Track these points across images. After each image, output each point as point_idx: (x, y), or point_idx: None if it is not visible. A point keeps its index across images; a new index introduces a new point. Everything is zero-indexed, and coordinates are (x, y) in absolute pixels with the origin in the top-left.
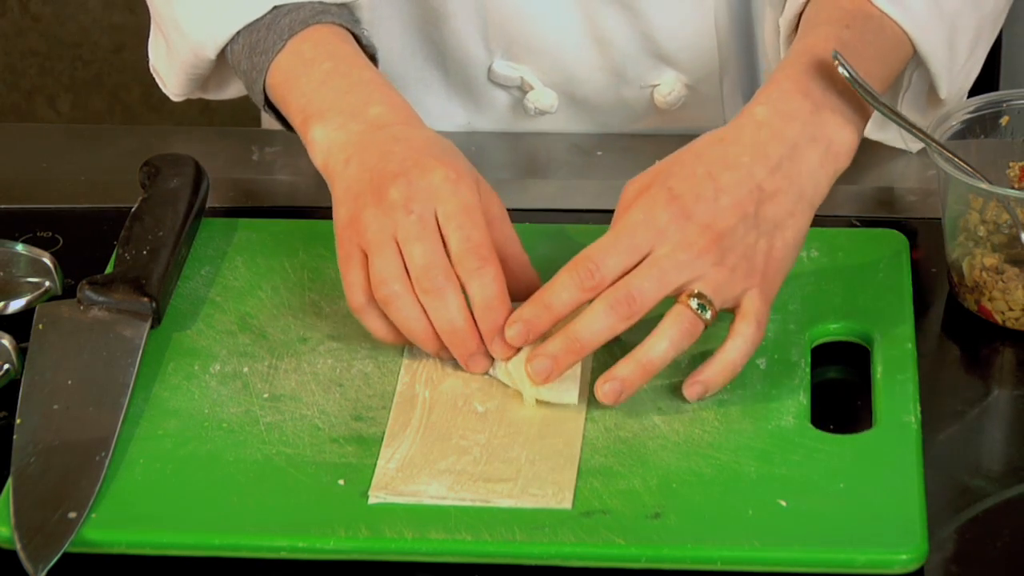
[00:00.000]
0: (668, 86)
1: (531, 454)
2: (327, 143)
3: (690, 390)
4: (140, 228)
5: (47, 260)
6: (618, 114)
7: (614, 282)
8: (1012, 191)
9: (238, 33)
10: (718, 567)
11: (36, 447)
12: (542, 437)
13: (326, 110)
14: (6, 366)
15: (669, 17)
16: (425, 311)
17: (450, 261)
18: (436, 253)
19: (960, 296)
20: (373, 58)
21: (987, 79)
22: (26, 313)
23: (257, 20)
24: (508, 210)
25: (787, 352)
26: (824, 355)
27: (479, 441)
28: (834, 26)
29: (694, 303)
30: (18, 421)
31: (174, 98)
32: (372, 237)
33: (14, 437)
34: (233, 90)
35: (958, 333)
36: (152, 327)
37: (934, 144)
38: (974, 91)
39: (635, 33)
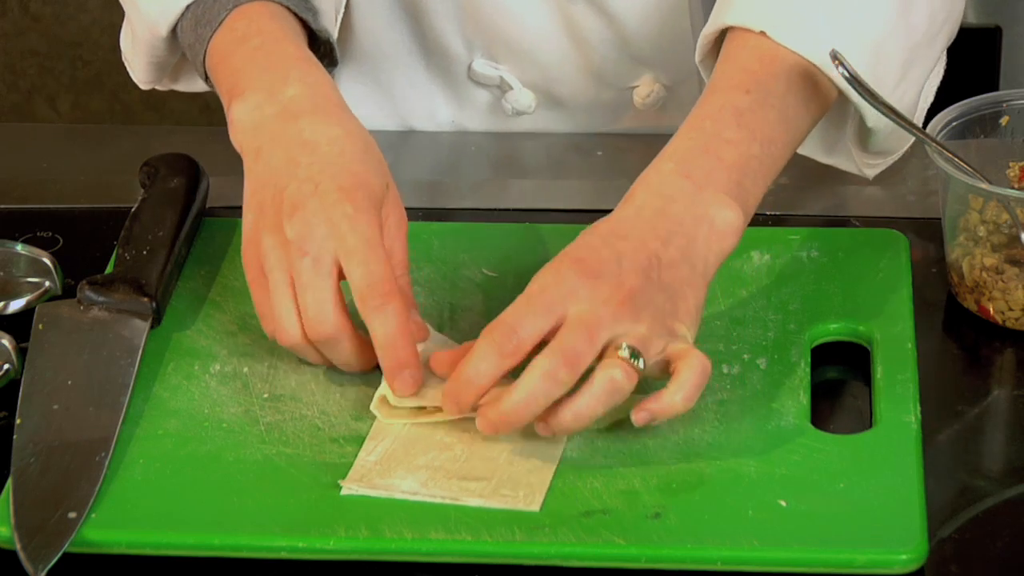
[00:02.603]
0: (646, 88)
1: (511, 454)
2: (242, 124)
3: (637, 415)
4: (140, 228)
5: (47, 260)
6: (597, 115)
7: (534, 346)
8: (1012, 191)
9: (188, 8)
10: (718, 567)
11: (36, 447)
12: (527, 438)
13: (246, 88)
14: (6, 366)
15: (645, 21)
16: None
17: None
18: (326, 303)
19: (960, 296)
20: (328, 44)
21: (987, 79)
22: (26, 313)
23: None
24: (487, 210)
25: (787, 352)
26: (824, 355)
27: (463, 438)
28: (733, 92)
29: (625, 352)
30: (18, 421)
31: (142, 85)
32: (271, 272)
33: (14, 437)
34: (202, 82)
35: (958, 333)
36: (152, 327)
37: (934, 144)
38: (974, 91)
39: (612, 36)
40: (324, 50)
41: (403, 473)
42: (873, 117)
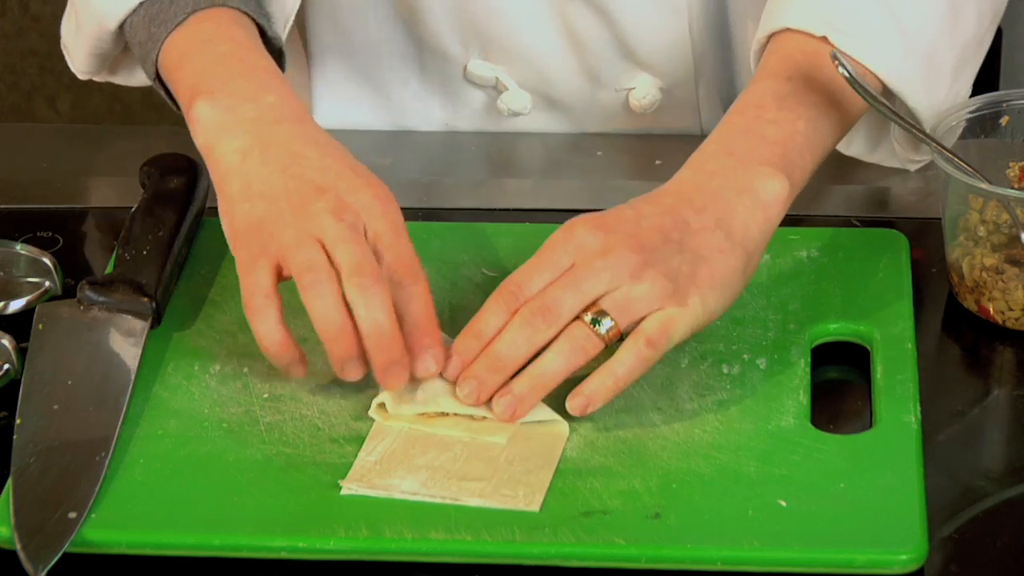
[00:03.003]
0: (643, 90)
1: (511, 455)
2: (213, 123)
3: (571, 402)
4: (140, 228)
5: (47, 260)
6: (593, 116)
7: None
8: (1012, 191)
9: (141, 5)
10: (718, 567)
11: (36, 447)
12: (527, 438)
13: (216, 89)
14: (6, 366)
15: (643, 22)
16: (343, 309)
17: None
18: (368, 255)
19: (960, 296)
20: (280, 54)
21: (987, 79)
22: (26, 313)
23: None
24: (483, 210)
25: (787, 352)
26: (824, 355)
27: (462, 438)
28: (774, 80)
29: (588, 317)
30: (18, 421)
31: (80, 75)
32: (290, 239)
33: (14, 437)
34: (141, 76)
35: (958, 333)
36: (152, 327)
37: (934, 144)
38: (974, 91)
39: (609, 37)
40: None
41: (403, 473)
42: (931, 120)
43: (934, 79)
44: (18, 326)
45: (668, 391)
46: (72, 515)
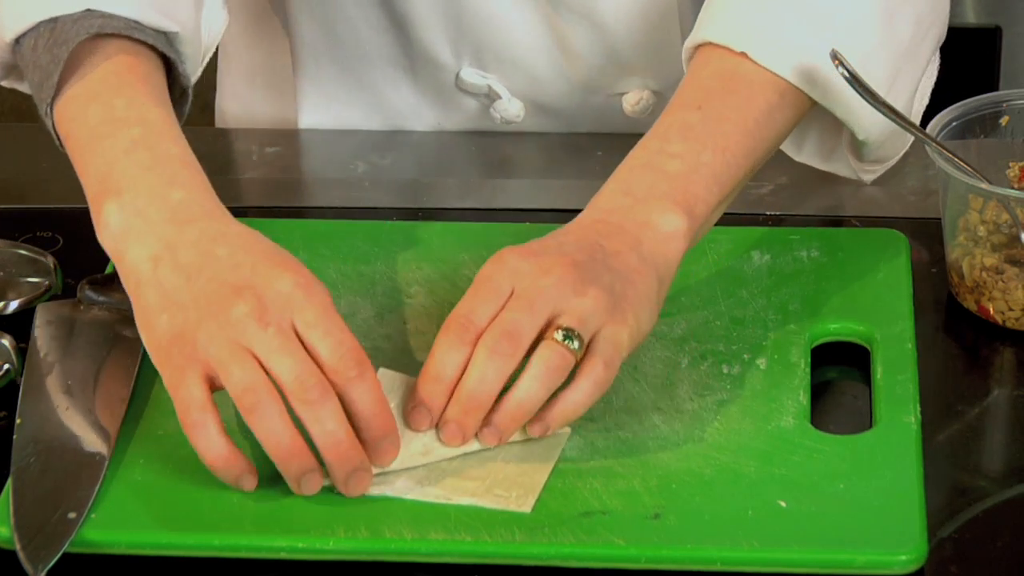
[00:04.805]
0: (636, 95)
1: (508, 455)
2: (121, 228)
3: (532, 427)
4: None
5: (47, 260)
6: (586, 122)
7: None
8: (1012, 191)
9: (42, 24)
10: (718, 567)
11: (36, 447)
12: (524, 440)
13: (124, 187)
14: (6, 366)
15: (634, 29)
16: (290, 426)
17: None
18: (307, 363)
19: (960, 296)
20: (186, 92)
21: (987, 79)
22: (26, 313)
23: (65, 16)
24: (476, 210)
25: (787, 352)
26: (824, 355)
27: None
28: (684, 110)
29: (559, 335)
30: (18, 421)
31: None
32: (219, 350)
33: (14, 437)
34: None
35: (958, 333)
36: None
37: (934, 144)
38: (974, 91)
39: (601, 45)
40: (177, 95)
41: (398, 471)
42: (863, 130)
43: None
44: (18, 326)
45: (668, 391)
46: (72, 515)
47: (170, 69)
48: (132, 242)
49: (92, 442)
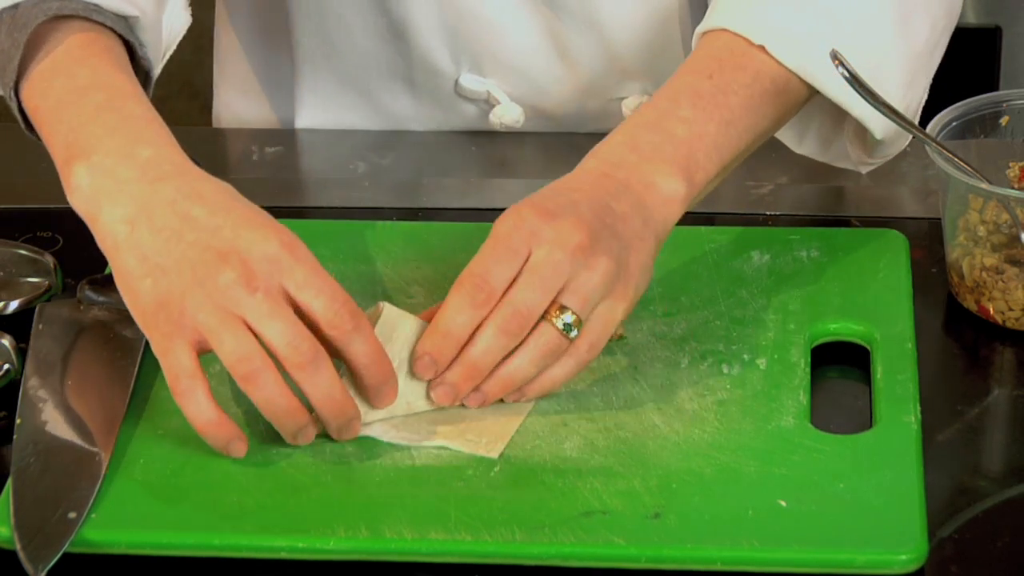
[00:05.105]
0: (635, 99)
1: (486, 409)
2: (92, 190)
3: (509, 396)
4: None
5: (47, 260)
6: (585, 126)
7: (504, 291)
8: (1012, 191)
9: (4, 11)
10: (718, 567)
11: (36, 447)
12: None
13: (92, 149)
14: (6, 366)
15: (635, 34)
16: (286, 390)
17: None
18: (297, 326)
19: (960, 296)
20: (148, 75)
21: (987, 79)
22: (26, 313)
23: (24, 2)
24: (476, 210)
25: (787, 352)
26: (824, 355)
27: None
28: (695, 76)
29: (560, 323)
30: (18, 421)
31: None
32: (208, 318)
33: (14, 437)
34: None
35: (958, 333)
36: None
37: (934, 144)
38: (974, 91)
39: (601, 50)
40: (141, 79)
41: (383, 413)
42: (881, 130)
43: (882, 90)
44: (18, 326)
45: (668, 391)
46: (72, 515)
47: (132, 54)
48: (104, 203)
49: (92, 442)
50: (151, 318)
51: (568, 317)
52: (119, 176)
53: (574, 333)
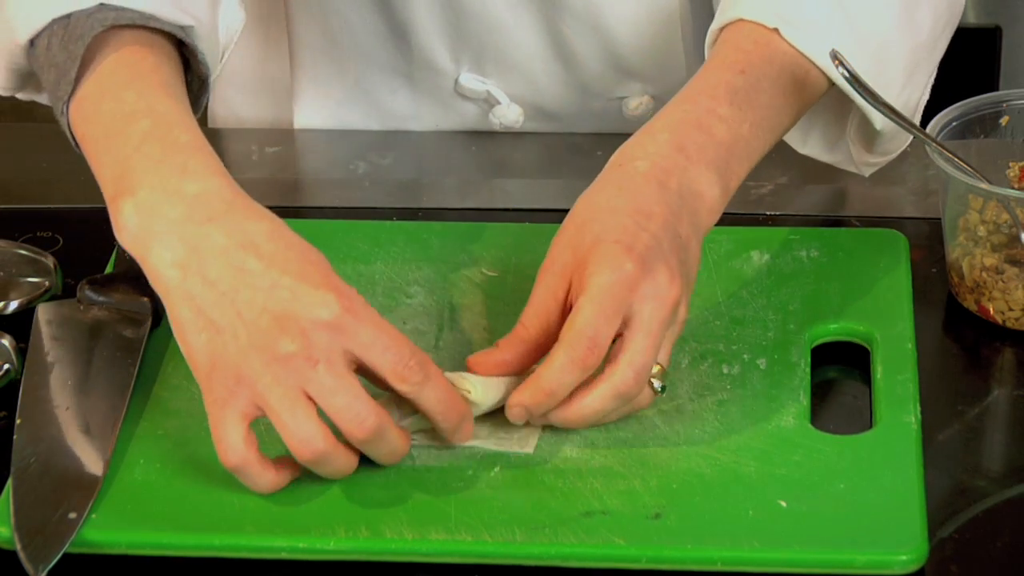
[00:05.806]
0: (636, 99)
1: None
2: (140, 230)
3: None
4: None
5: (47, 260)
6: (585, 126)
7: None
8: (1012, 191)
9: (55, 23)
10: (718, 567)
11: (36, 447)
12: None
13: (138, 184)
14: (6, 366)
15: (636, 34)
16: (350, 461)
17: (379, 383)
18: (360, 398)
19: (960, 296)
20: (205, 82)
21: (987, 79)
22: (26, 313)
23: (78, 11)
24: (476, 210)
25: (787, 352)
26: (824, 355)
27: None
28: (729, 71)
29: (657, 384)
30: (18, 421)
31: (1, 91)
32: (267, 392)
33: (14, 437)
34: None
35: (958, 333)
36: (152, 327)
37: (934, 144)
38: (974, 91)
39: (602, 50)
40: (196, 86)
41: (408, 412)
42: (881, 120)
43: (885, 78)
44: (18, 326)
45: (668, 391)
46: (72, 515)
47: (187, 62)
48: (153, 244)
49: (92, 442)
50: (205, 377)
51: (662, 385)
52: (167, 216)
53: (658, 385)
